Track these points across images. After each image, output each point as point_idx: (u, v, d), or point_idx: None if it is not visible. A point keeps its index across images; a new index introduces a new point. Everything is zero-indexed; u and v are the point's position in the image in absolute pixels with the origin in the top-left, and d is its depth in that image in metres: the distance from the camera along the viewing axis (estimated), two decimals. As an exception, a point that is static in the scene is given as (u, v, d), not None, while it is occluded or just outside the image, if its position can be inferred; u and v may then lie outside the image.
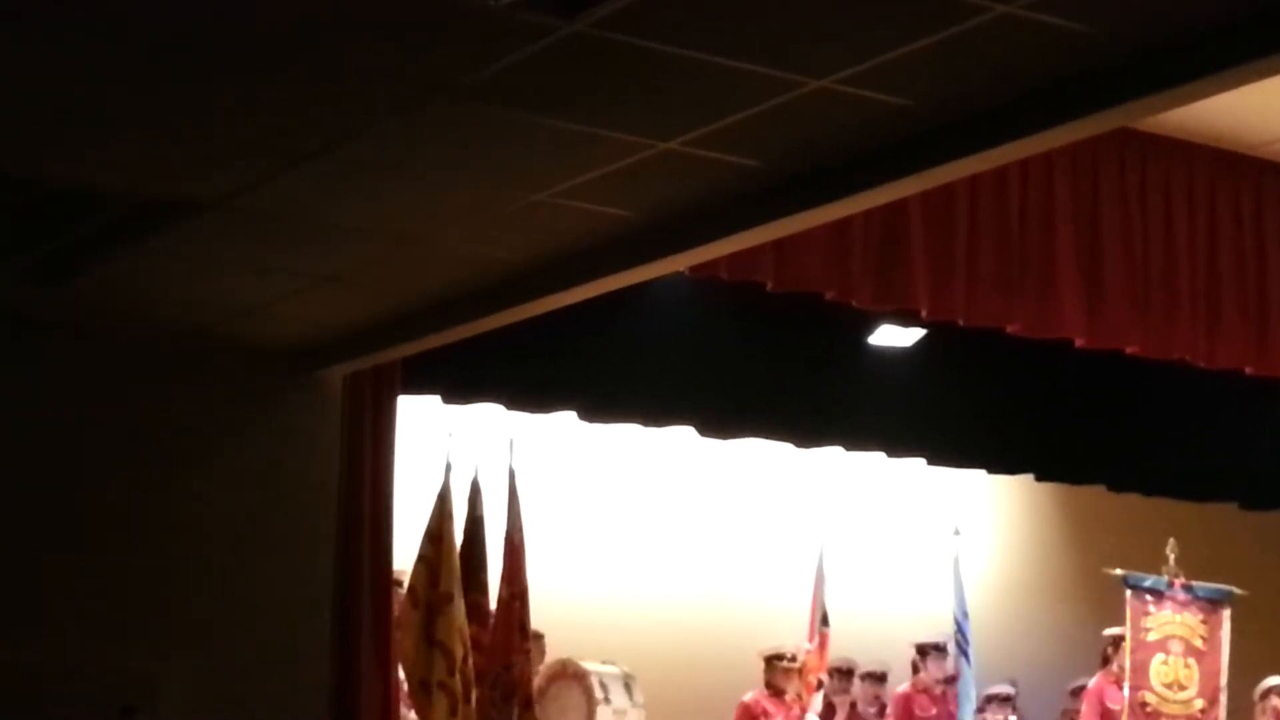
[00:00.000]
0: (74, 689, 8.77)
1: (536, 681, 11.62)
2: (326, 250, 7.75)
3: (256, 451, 9.33)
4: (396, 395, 10.07)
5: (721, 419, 12.63)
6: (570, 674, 12.16)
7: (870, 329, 12.66)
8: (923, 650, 12.69)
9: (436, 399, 11.63)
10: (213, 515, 9.20)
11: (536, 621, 10.89)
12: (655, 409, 12.45)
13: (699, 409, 12.47)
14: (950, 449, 13.50)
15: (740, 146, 6.54)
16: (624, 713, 12.09)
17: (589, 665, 12.16)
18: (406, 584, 10.14)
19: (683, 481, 13.86)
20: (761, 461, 13.87)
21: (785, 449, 13.49)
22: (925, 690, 12.54)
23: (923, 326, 12.35)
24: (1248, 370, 12.05)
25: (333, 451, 9.57)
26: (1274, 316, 11.88)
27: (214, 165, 6.89)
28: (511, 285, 8.09)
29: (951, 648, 12.50)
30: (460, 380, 11.30)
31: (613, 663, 12.29)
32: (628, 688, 12.18)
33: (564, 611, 12.51)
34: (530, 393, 11.90)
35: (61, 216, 7.56)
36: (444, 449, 10.26)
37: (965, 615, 12.34)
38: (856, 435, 13.20)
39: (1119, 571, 12.59)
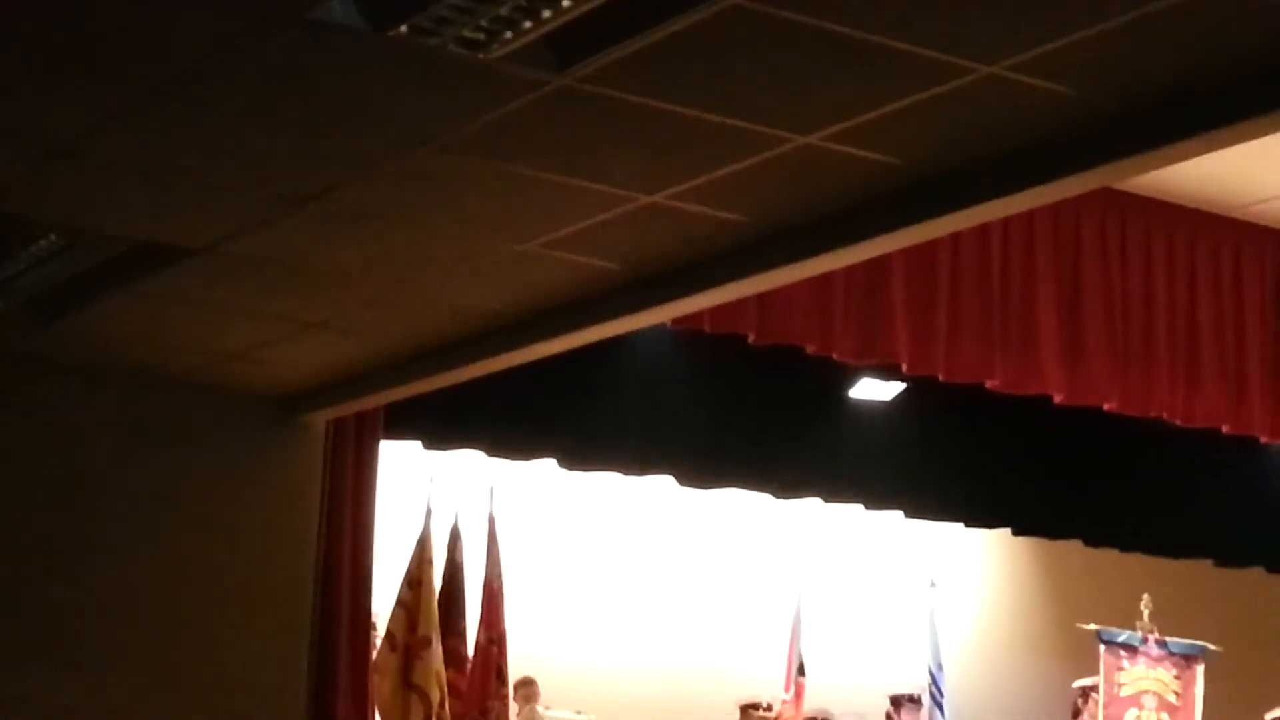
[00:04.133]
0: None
1: (513, 726, 11.65)
2: (313, 297, 7.79)
3: (239, 495, 9.35)
4: (379, 441, 10.11)
5: (701, 469, 12.67)
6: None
7: (851, 382, 12.73)
8: (897, 702, 12.68)
9: (418, 444, 11.66)
10: (193, 557, 9.21)
11: (514, 667, 10.91)
12: (635, 458, 12.48)
13: (679, 459, 12.51)
14: (928, 502, 13.55)
15: (726, 201, 6.60)
16: (579, 762, 12.10)
17: (553, 714, 12.15)
18: (385, 629, 10.16)
19: (661, 530, 13.88)
20: (740, 511, 13.90)
21: (764, 499, 13.53)
22: (900, 741, 12.56)
23: (903, 381, 12.42)
24: (1224, 429, 12.12)
25: (314, 496, 9.59)
26: (1251, 376, 11.96)
27: (203, 210, 6.94)
28: (496, 334, 8.13)
29: (926, 700, 12.51)
30: (441, 426, 11.32)
31: (583, 712, 12.28)
32: (589, 739, 12.19)
33: (540, 658, 12.50)
34: (511, 439, 11.92)
35: (49, 258, 7.59)
36: (424, 494, 10.30)
37: (940, 667, 12.36)
38: (835, 487, 13.25)
39: (1093, 626, 12.63)
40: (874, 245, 6.91)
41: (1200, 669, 12.81)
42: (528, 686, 11.96)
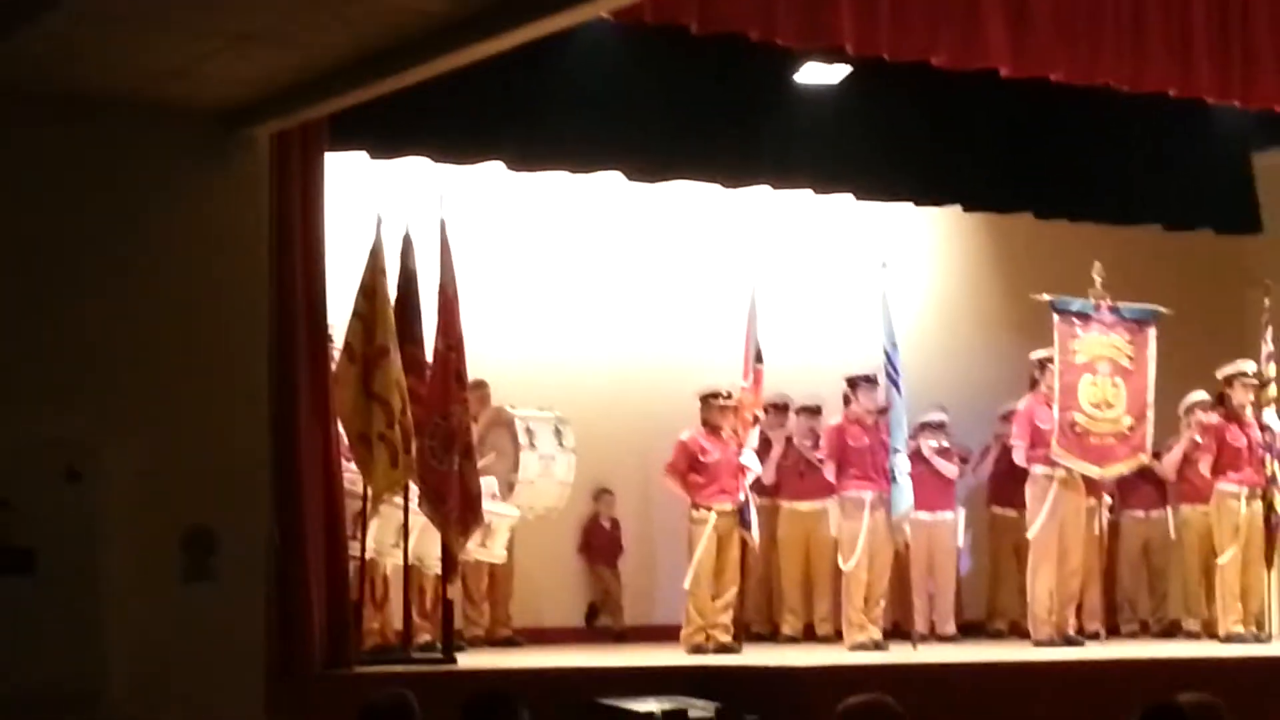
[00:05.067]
0: (20, 454, 8.84)
1: (477, 429, 11.75)
2: (249, 7, 7.65)
3: (187, 214, 9.26)
4: (324, 152, 10.01)
5: (649, 163, 12.66)
6: (501, 420, 12.31)
7: (796, 67, 12.65)
8: (853, 383, 12.80)
9: (364, 155, 11.59)
10: (146, 279, 9.16)
11: (475, 371, 10.98)
12: (583, 156, 12.45)
13: (627, 154, 12.49)
14: (877, 183, 13.59)
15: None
16: (551, 458, 12.24)
17: (520, 411, 12.29)
18: (342, 340, 10.19)
19: (613, 227, 13.89)
20: (690, 203, 13.90)
21: (714, 190, 13.52)
22: (858, 421, 12.68)
23: (848, 63, 12.34)
24: (1171, 92, 12.10)
25: (263, 211, 9.51)
26: (1196, 37, 11.90)
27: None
28: (434, 36, 8.00)
29: (882, 379, 12.64)
30: (387, 135, 11.26)
31: (548, 408, 12.41)
32: (558, 432, 12.32)
33: (500, 360, 12.62)
34: (457, 144, 11.87)
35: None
36: (374, 205, 10.25)
37: (894, 346, 12.41)
38: (784, 174, 13.26)
39: (1046, 296, 12.72)
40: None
41: (1152, 332, 12.96)
42: (480, 388, 12.08)
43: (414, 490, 10.36)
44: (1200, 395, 13.73)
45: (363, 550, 10.38)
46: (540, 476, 12.19)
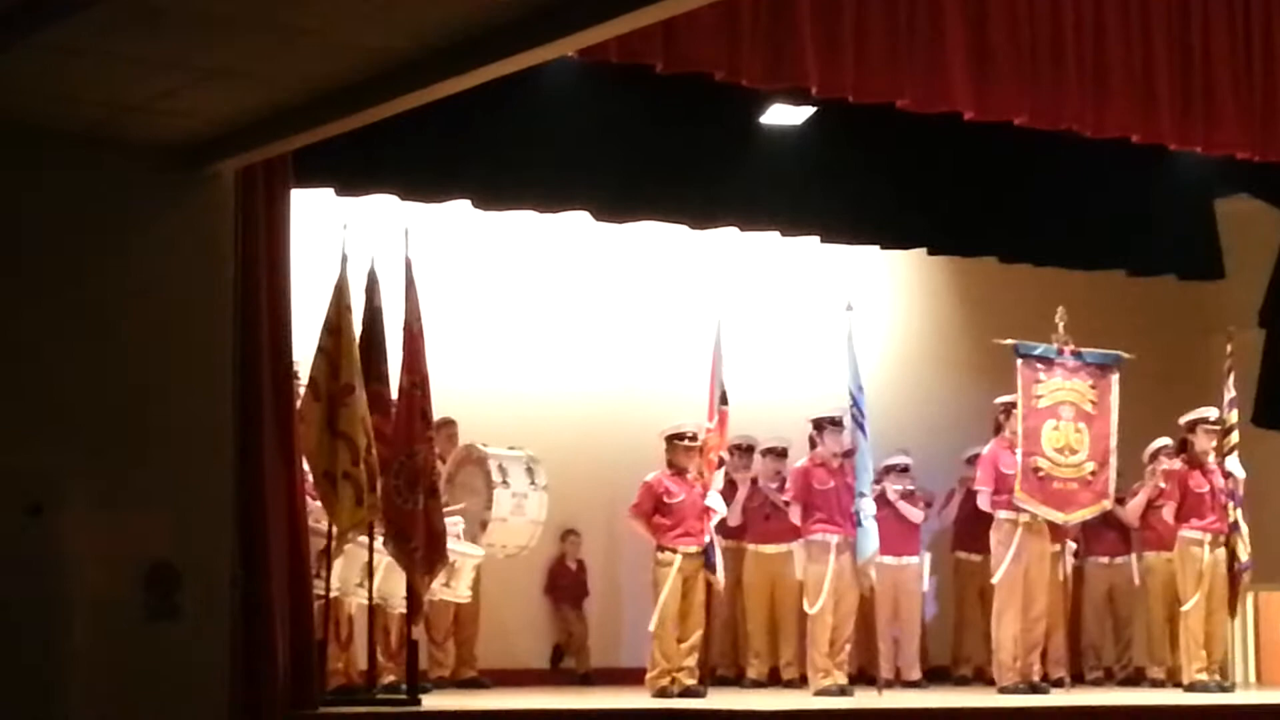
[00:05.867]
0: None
1: (446, 467, 11.74)
2: (213, 43, 7.66)
3: (151, 249, 9.24)
4: (290, 188, 10.00)
5: (616, 202, 12.71)
6: (473, 459, 12.30)
7: (762, 109, 12.72)
8: (819, 425, 12.78)
9: (330, 191, 11.60)
10: (110, 315, 9.14)
11: (442, 410, 10.97)
12: (549, 194, 12.50)
13: (594, 193, 12.55)
14: (843, 226, 13.67)
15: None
16: (524, 495, 12.23)
17: (492, 450, 12.29)
18: (307, 377, 10.17)
19: (579, 266, 13.92)
20: (657, 244, 13.95)
21: (680, 230, 13.57)
22: (823, 464, 12.66)
23: (813, 104, 12.41)
24: (1134, 138, 12.18)
25: (228, 246, 9.50)
26: (1159, 82, 12.00)
27: (96, -43, 6.80)
28: (400, 74, 8.03)
29: (848, 421, 12.63)
30: (354, 172, 11.29)
31: (518, 447, 12.41)
32: (530, 471, 12.31)
33: (467, 399, 12.62)
34: (424, 182, 11.91)
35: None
36: (339, 241, 10.25)
37: (860, 389, 12.40)
38: (751, 215, 13.33)
39: (1010, 341, 12.75)
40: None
41: (1115, 378, 12.97)
42: (448, 426, 12.09)
43: (379, 529, 10.34)
44: (1164, 442, 13.78)
45: (327, 589, 10.34)
46: (513, 514, 12.18)
